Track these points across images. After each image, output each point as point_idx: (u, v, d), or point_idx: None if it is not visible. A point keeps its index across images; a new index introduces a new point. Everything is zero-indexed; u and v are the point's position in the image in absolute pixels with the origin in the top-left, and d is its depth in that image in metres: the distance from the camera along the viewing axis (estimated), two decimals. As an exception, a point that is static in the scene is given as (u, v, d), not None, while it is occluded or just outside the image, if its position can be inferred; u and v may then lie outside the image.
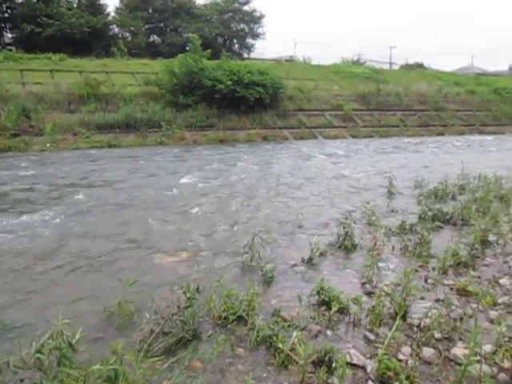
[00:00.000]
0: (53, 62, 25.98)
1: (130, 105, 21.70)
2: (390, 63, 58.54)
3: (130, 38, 44.07)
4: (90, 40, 36.13)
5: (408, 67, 48.50)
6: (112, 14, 43.30)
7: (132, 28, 43.83)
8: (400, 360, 2.95)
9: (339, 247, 5.52)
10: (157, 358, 2.86)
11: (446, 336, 3.27)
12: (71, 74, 24.32)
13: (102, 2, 40.02)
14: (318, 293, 3.91)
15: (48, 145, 17.58)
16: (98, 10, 39.05)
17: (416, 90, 32.69)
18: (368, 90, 30.04)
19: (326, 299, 3.80)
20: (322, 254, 5.19)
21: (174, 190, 9.48)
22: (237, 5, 49.66)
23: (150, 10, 45.97)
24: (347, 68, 37.25)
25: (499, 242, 5.62)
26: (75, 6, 38.32)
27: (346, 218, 6.09)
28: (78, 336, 2.58)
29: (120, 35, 43.75)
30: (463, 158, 13.23)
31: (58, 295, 4.23)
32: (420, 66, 49.53)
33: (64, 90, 21.67)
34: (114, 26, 43.10)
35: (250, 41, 52.29)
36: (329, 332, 3.44)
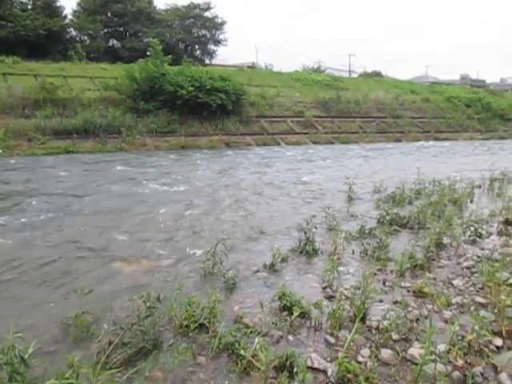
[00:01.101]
0: (6, 64, 24.92)
1: (89, 110, 21.15)
2: (350, 71, 59.98)
3: (88, 42, 42.99)
4: (46, 43, 35.01)
5: (366, 75, 49.90)
6: (69, 16, 42.27)
7: (90, 31, 42.76)
8: (359, 362, 3.01)
9: (301, 252, 5.57)
10: (115, 370, 2.79)
11: (403, 337, 3.36)
12: (26, 77, 23.40)
13: (58, 5, 38.94)
14: (280, 298, 3.93)
15: (0, 151, 16.86)
16: (55, 12, 37.95)
17: (374, 97, 33.68)
18: (328, 97, 30.68)
19: (288, 304, 3.83)
20: (283, 260, 5.23)
21: (135, 197, 9.31)
22: (198, 11, 49.57)
23: (109, 14, 45.09)
24: (308, 75, 37.88)
25: (453, 245, 5.84)
26: (30, 7, 37.07)
27: (307, 224, 6.17)
28: (30, 350, 2.49)
29: (78, 38, 42.64)
30: (419, 164, 13.73)
31: (11, 307, 4.05)
32: (378, 74, 51.11)
33: (18, 94, 20.85)
34: (72, 29, 42.00)
35: (211, 47, 52.34)
36: (290, 337, 3.46)
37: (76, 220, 7.41)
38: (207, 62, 49.31)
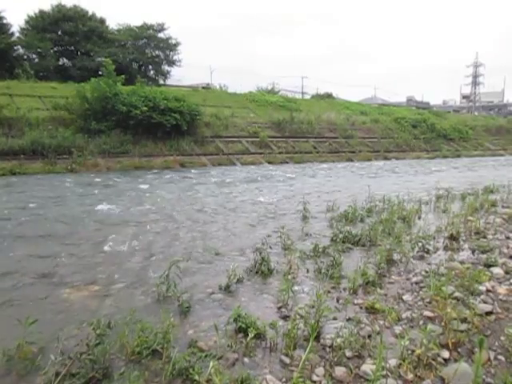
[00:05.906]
0: None
1: (37, 130, 20.45)
2: (302, 93, 61.69)
3: (37, 60, 41.72)
4: (-10, 61, 33.71)
5: (318, 97, 51.52)
6: (17, 34, 40.96)
7: (39, 50, 41.51)
8: (314, 381, 3.02)
9: (256, 273, 5.57)
10: (62, 404, 2.65)
11: (356, 354, 3.41)
12: (-32, 96, 22.45)
13: (4, 22, 37.66)
14: (236, 320, 3.89)
15: None
16: (1, 29, 36.65)
17: (326, 118, 34.74)
18: (282, 117, 31.34)
19: (244, 326, 3.79)
20: (239, 281, 5.21)
21: (86, 219, 9.01)
22: (151, 31, 49.49)
23: (60, 33, 44.07)
24: (262, 96, 38.58)
25: (402, 260, 6.04)
26: (-26, 24, 35.70)
27: (263, 244, 6.20)
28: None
29: (26, 57, 41.26)
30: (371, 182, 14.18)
31: None
32: (329, 95, 52.91)
33: (-41, 113, 19.91)
34: (19, 46, 40.64)
35: (165, 67, 52.22)
36: (246, 359, 3.43)
37: (18, 245, 7.06)
38: (161, 82, 49.16)
